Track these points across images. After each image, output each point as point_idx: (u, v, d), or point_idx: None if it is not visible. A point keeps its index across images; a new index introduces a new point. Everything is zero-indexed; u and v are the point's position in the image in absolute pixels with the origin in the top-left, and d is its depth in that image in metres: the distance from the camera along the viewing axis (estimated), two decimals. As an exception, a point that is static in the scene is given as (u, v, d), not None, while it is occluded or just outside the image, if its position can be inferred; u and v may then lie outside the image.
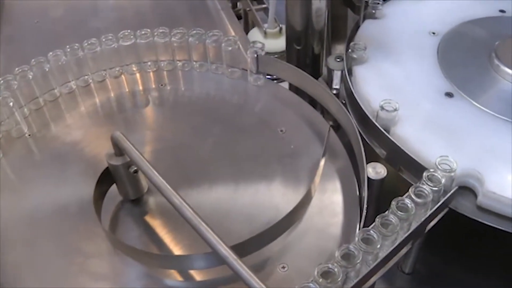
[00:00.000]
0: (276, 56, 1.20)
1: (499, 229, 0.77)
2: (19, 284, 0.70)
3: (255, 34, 1.26)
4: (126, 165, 0.74)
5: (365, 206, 0.73)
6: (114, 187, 0.80)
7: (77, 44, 0.97)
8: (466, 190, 0.80)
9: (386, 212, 0.69)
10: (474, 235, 0.90)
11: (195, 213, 0.65)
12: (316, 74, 1.06)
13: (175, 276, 0.72)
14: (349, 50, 0.97)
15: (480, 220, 0.78)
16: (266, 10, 1.25)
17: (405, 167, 0.83)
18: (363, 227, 0.69)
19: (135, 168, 0.74)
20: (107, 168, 0.77)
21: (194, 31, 0.99)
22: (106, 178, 0.79)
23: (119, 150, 0.73)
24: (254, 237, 0.70)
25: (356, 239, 0.65)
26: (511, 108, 0.89)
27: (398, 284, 0.93)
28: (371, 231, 0.66)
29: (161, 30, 0.99)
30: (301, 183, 0.81)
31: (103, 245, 0.74)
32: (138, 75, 1.01)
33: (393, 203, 0.70)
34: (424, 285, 0.93)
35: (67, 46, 0.96)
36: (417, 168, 0.79)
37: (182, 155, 0.86)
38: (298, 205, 0.75)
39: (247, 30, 1.32)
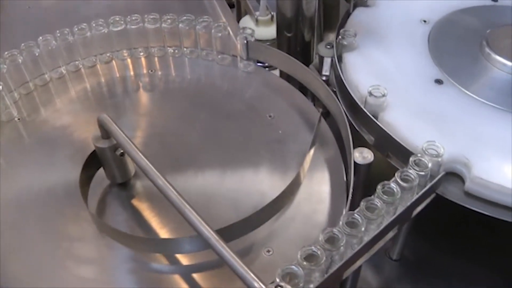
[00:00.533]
0: (267, 43, 1.20)
1: (486, 215, 0.77)
2: (4, 267, 0.70)
3: (246, 22, 1.26)
4: (112, 148, 0.74)
5: (351, 190, 0.73)
6: (102, 170, 0.80)
7: (67, 29, 0.97)
8: (454, 176, 0.80)
9: (372, 196, 0.69)
10: (462, 221, 0.91)
11: (179, 195, 0.65)
12: (307, 61, 1.06)
13: (162, 260, 0.72)
14: (340, 37, 0.97)
15: (467, 206, 0.78)
16: (259, -2, 1.25)
17: (393, 153, 0.83)
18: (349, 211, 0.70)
19: (122, 151, 0.74)
20: (94, 151, 0.77)
21: (184, 17, 0.99)
22: (93, 162, 0.79)
23: (105, 133, 0.73)
24: (240, 222, 0.71)
25: (341, 222, 0.65)
26: (500, 95, 0.89)
27: (386, 270, 0.93)
28: (356, 215, 0.66)
29: (151, 16, 0.99)
30: (289, 169, 0.81)
31: (89, 228, 0.74)
32: (128, 60, 1.01)
33: (379, 187, 0.70)
34: (412, 271, 0.94)
35: (57, 31, 0.96)
36: (405, 154, 0.78)
37: (171, 140, 0.86)
38: (285, 191, 0.75)
39: (240, 18, 1.32)
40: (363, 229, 0.66)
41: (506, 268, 0.92)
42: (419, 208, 0.77)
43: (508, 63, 0.92)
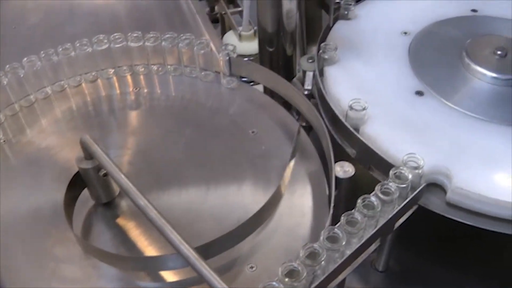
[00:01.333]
0: (251, 58, 1.21)
1: (469, 225, 0.78)
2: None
3: (230, 37, 1.27)
4: (96, 169, 0.75)
5: (332, 204, 0.74)
6: (86, 190, 0.80)
7: (51, 50, 0.97)
8: (436, 187, 0.80)
9: (352, 210, 0.70)
10: (447, 231, 0.91)
11: (159, 214, 0.65)
12: (290, 75, 1.07)
13: (147, 278, 0.72)
14: (320, 51, 0.98)
15: (450, 216, 0.78)
16: (242, 13, 1.26)
17: (375, 166, 0.83)
18: (331, 225, 0.70)
19: (105, 171, 0.74)
20: (78, 172, 0.78)
21: (167, 35, 0.99)
22: (78, 182, 0.79)
23: (88, 154, 0.74)
24: (223, 236, 0.71)
25: (321, 237, 0.66)
26: (480, 105, 0.90)
27: (372, 282, 0.93)
28: (336, 230, 0.67)
29: (134, 35, 1.00)
30: (270, 183, 0.81)
31: (75, 250, 0.74)
32: (114, 79, 1.01)
33: (359, 201, 0.71)
34: (398, 282, 0.94)
35: (42, 52, 0.97)
36: (386, 167, 0.79)
37: (156, 157, 0.87)
38: (266, 204, 0.76)
39: (224, 33, 1.32)
40: (344, 243, 0.66)
41: (491, 277, 0.93)
42: (401, 220, 0.78)
43: (488, 73, 0.93)
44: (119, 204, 0.80)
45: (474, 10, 1.11)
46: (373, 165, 0.84)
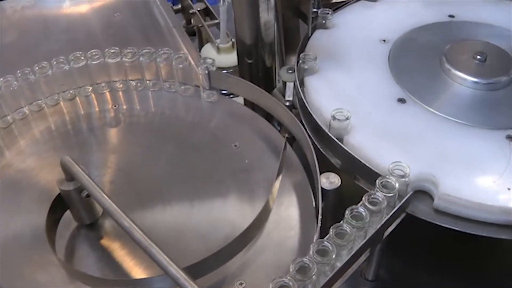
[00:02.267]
0: (230, 71, 1.20)
1: (457, 230, 0.77)
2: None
3: (208, 50, 1.26)
4: (77, 190, 0.73)
5: (319, 217, 0.73)
6: (69, 212, 0.78)
7: (28, 69, 0.96)
8: (423, 194, 0.80)
9: (341, 222, 0.69)
10: (435, 237, 0.91)
11: (144, 234, 0.64)
12: (269, 86, 1.06)
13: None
14: (300, 61, 0.97)
15: (438, 223, 0.78)
16: (219, 25, 1.25)
17: (361, 175, 0.83)
18: (320, 238, 0.69)
19: (87, 192, 0.73)
20: (60, 194, 0.76)
21: (145, 50, 0.98)
22: (60, 204, 0.77)
23: (69, 175, 0.72)
24: (212, 256, 0.70)
25: (311, 251, 0.65)
26: (462, 110, 0.90)
27: (362, 291, 0.93)
28: (326, 242, 0.66)
29: (112, 51, 0.99)
30: (257, 198, 0.81)
31: (58, 274, 0.72)
32: (92, 96, 1.00)
33: (347, 212, 0.70)
34: (388, 291, 0.93)
35: (18, 71, 0.95)
36: (372, 176, 0.78)
37: (138, 175, 0.85)
38: (255, 220, 0.75)
39: (202, 46, 1.31)
40: (334, 256, 0.66)
41: (482, 282, 0.93)
42: (390, 229, 0.77)
43: (469, 78, 0.94)
44: (102, 225, 0.79)
45: (451, 16, 1.12)
46: (358, 175, 0.83)
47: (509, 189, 0.78)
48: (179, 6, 1.42)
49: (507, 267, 0.94)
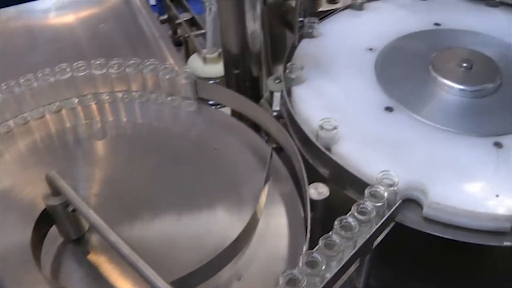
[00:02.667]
0: (217, 81, 1.20)
1: (448, 238, 0.77)
2: None
3: (194, 61, 1.25)
4: (63, 205, 0.72)
5: (308, 228, 0.72)
6: (55, 227, 0.78)
7: (13, 81, 0.95)
8: (412, 202, 0.80)
9: (330, 233, 0.69)
10: (425, 245, 0.91)
11: (131, 250, 0.63)
12: (257, 96, 1.06)
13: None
14: (287, 71, 0.97)
15: (427, 231, 0.78)
16: (205, 35, 1.24)
17: (349, 185, 0.83)
18: (309, 249, 0.69)
19: (74, 207, 0.72)
20: (45, 209, 0.75)
21: (131, 61, 0.98)
22: (45, 220, 0.76)
23: (55, 190, 0.72)
24: (201, 268, 0.69)
25: (300, 263, 0.65)
26: (449, 118, 0.90)
27: (353, 301, 0.92)
28: (315, 254, 0.66)
29: (98, 62, 0.98)
30: (245, 208, 0.80)
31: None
32: (78, 108, 0.99)
33: (336, 222, 0.70)
34: (378, 300, 0.93)
35: (3, 84, 0.94)
36: (361, 185, 0.78)
37: (126, 188, 0.84)
38: (242, 231, 0.74)
39: (188, 57, 1.31)
40: (323, 267, 0.65)
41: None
42: (379, 238, 0.77)
43: (455, 85, 0.94)
44: (89, 240, 0.78)
45: (437, 24, 1.12)
46: (347, 184, 0.83)
47: (497, 195, 0.78)
48: (166, 16, 1.41)
49: (498, 274, 0.93)
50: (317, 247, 0.67)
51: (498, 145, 0.85)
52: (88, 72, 0.97)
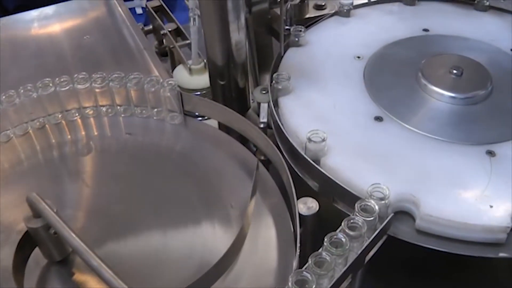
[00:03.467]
0: (204, 92, 1.18)
1: (441, 251, 0.75)
2: None
3: (180, 72, 1.23)
4: (46, 227, 0.70)
5: (298, 245, 0.71)
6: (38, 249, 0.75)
7: (-6, 98, 0.93)
8: (404, 214, 0.78)
9: (320, 250, 0.67)
10: (418, 258, 0.89)
11: (115, 274, 0.61)
12: (243, 107, 1.04)
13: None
14: (273, 82, 0.95)
15: (420, 244, 0.76)
16: (191, 45, 1.22)
17: (339, 198, 0.81)
18: (299, 266, 0.67)
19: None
20: (27, 231, 0.73)
21: (115, 75, 0.96)
22: (28, 242, 0.74)
23: (36, 212, 0.69)
24: (189, 286, 0.67)
25: (290, 283, 0.63)
26: (440, 126, 0.88)
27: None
28: (305, 273, 0.64)
29: (81, 76, 0.96)
30: (232, 223, 0.78)
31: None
32: (63, 123, 0.97)
33: (326, 239, 0.68)
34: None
35: (-16, 101, 0.92)
36: (351, 198, 0.76)
37: (111, 206, 0.82)
38: (231, 247, 0.72)
39: (174, 67, 1.29)
40: (314, 286, 0.63)
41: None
42: (371, 253, 0.75)
43: (446, 93, 0.92)
44: (74, 260, 0.75)
45: (425, 30, 1.11)
46: (337, 198, 0.81)
47: (491, 206, 0.76)
48: (151, 26, 1.40)
49: (494, 286, 0.92)
50: (306, 265, 0.65)
51: (491, 153, 0.84)
52: (71, 87, 0.95)
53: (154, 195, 0.84)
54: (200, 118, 1.01)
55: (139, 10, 2.11)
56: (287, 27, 1.09)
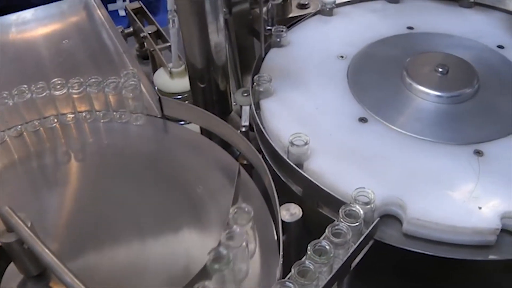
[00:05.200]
0: (185, 95, 1.16)
1: (429, 254, 0.74)
2: None
3: (161, 75, 1.21)
4: (20, 242, 0.67)
5: (281, 253, 0.68)
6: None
7: (-31, 107, 0.90)
8: (391, 218, 0.77)
9: (304, 258, 0.65)
10: (407, 262, 0.87)
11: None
12: (225, 110, 1.02)
13: None
14: (254, 84, 0.93)
15: (408, 248, 0.74)
16: (171, 48, 1.20)
17: (324, 203, 0.79)
18: (283, 274, 0.66)
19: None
20: (1, 246, 0.71)
21: (92, 80, 0.93)
22: (2, 257, 0.72)
23: (10, 227, 0.67)
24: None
25: (272, 294, 0.61)
26: (426, 126, 0.87)
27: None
28: (287, 283, 0.62)
29: (58, 82, 0.94)
30: (213, 231, 0.76)
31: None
32: (41, 130, 0.94)
33: (309, 247, 0.66)
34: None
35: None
36: (335, 203, 0.74)
37: (91, 215, 0.80)
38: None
39: (156, 70, 1.27)
40: (298, 297, 0.61)
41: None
42: (358, 258, 0.73)
43: (431, 91, 0.90)
44: (51, 275, 0.73)
45: (410, 28, 1.09)
46: (321, 202, 0.79)
47: (480, 208, 0.75)
48: (131, 29, 1.37)
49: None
50: (289, 274, 0.63)
51: (479, 153, 0.82)
52: (48, 93, 0.93)
53: (135, 203, 0.82)
54: (182, 122, 1.00)
55: (122, 12, 2.08)
56: (268, 28, 1.07)
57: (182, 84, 1.16)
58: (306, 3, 1.22)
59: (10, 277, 0.73)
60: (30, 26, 1.30)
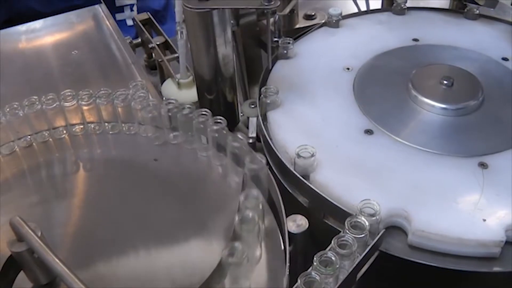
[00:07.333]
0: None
1: (435, 266, 0.74)
2: None
3: (169, 86, 1.22)
4: (30, 251, 0.69)
5: (287, 264, 0.69)
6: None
7: (-20, 117, 0.91)
8: (396, 229, 0.77)
9: (309, 269, 0.66)
10: (412, 274, 0.87)
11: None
12: (233, 121, 1.03)
13: None
14: (261, 96, 0.94)
15: (413, 259, 0.75)
16: (179, 59, 1.21)
17: (330, 214, 0.80)
18: (289, 285, 0.66)
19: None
20: (11, 255, 0.72)
21: (102, 91, 0.94)
22: (13, 265, 0.73)
23: (20, 236, 0.68)
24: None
25: (278, 305, 0.62)
26: (432, 138, 0.88)
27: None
28: (293, 295, 0.63)
29: (68, 93, 0.95)
30: (219, 241, 0.77)
31: None
32: (50, 141, 0.96)
33: (315, 258, 0.66)
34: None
35: (-32, 121, 0.91)
36: (341, 214, 0.75)
37: (99, 226, 0.81)
38: (217, 267, 0.71)
39: (164, 81, 1.27)
40: (304, 308, 0.62)
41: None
42: (363, 269, 0.74)
43: (437, 104, 0.91)
44: (60, 283, 0.74)
45: (415, 39, 1.09)
46: (327, 213, 0.80)
47: (484, 220, 0.75)
48: (139, 40, 1.38)
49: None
50: (295, 285, 0.64)
51: (483, 165, 0.83)
52: (58, 105, 0.94)
53: (143, 214, 0.82)
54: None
55: (129, 22, 2.09)
56: (275, 39, 1.08)
57: (189, 95, 1.16)
58: (313, 14, 1.23)
59: (20, 286, 0.74)
60: (39, 37, 1.31)
